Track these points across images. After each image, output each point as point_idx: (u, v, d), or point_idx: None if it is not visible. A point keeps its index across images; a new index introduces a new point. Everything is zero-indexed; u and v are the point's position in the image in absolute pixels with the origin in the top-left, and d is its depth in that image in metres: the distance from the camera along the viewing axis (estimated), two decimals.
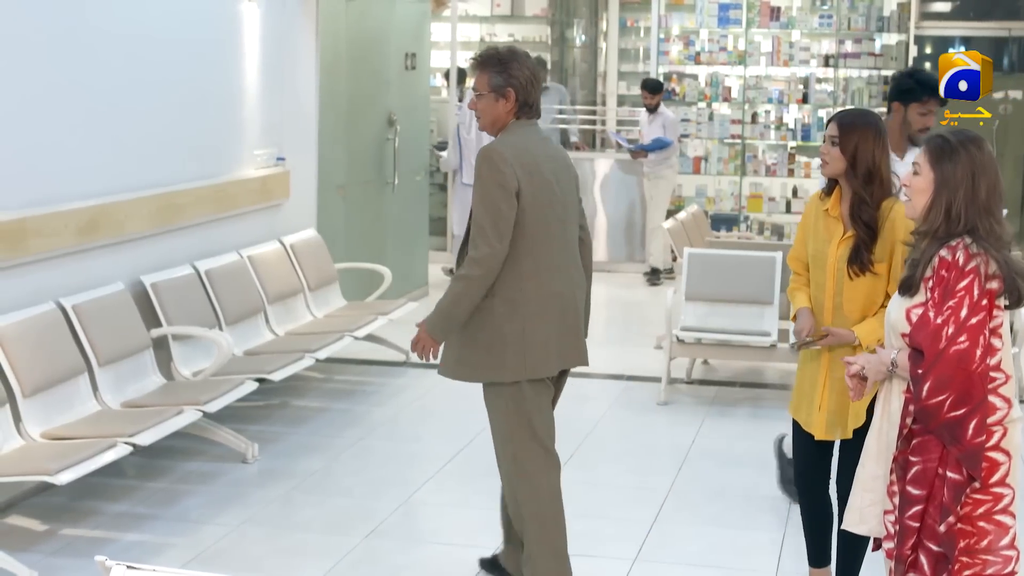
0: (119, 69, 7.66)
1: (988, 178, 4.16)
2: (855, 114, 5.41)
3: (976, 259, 4.07)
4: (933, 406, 4.02)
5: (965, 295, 4.04)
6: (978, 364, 4.00)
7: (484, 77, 5.48)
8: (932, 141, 4.26)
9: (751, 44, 14.80)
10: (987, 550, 4.13)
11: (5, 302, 6.61)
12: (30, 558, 6.03)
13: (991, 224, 4.13)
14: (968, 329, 4.00)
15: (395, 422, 8.62)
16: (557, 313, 5.54)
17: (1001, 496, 4.12)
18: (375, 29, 11.44)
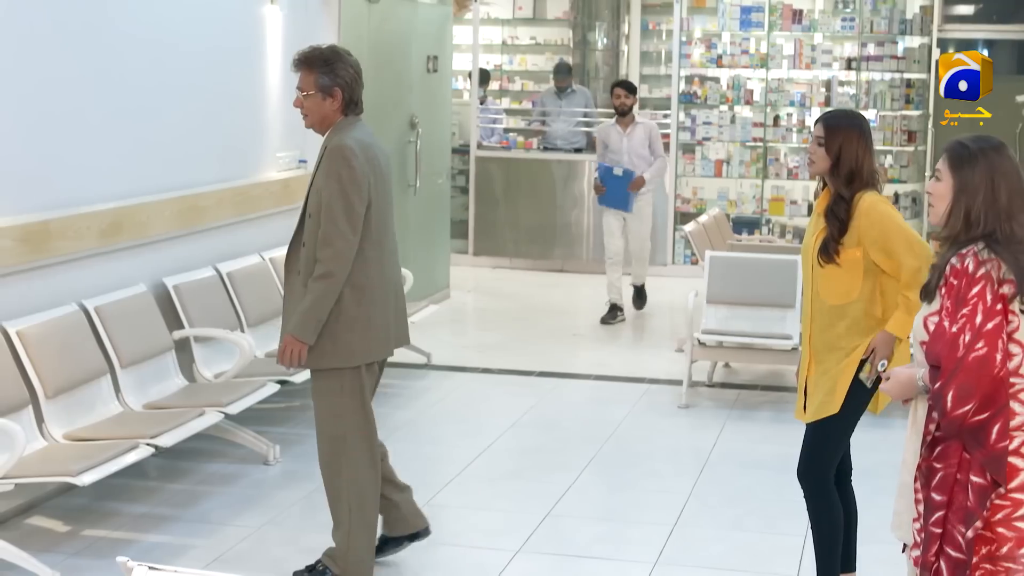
0: (143, 72, 7.69)
1: (1008, 183, 4.14)
2: (840, 115, 5.60)
3: (986, 265, 4.04)
4: (959, 416, 3.98)
5: (978, 301, 4.01)
6: (999, 368, 3.97)
7: (310, 77, 5.75)
8: (952, 147, 4.25)
9: (773, 47, 14.77)
10: (1008, 557, 4.09)
11: (28, 304, 6.63)
12: (52, 559, 6.06)
13: (1012, 228, 4.11)
14: (985, 335, 3.98)
15: (416, 424, 8.63)
16: (392, 298, 5.87)
17: (1021, 502, 4.07)
18: (397, 32, 11.45)
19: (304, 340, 5.64)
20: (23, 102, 6.68)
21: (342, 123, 5.76)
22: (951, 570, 4.08)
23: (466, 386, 9.65)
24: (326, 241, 5.57)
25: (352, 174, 5.59)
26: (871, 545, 5.92)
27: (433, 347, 10.21)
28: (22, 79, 6.65)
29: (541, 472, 7.65)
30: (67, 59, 6.99)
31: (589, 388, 9.58)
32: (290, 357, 5.69)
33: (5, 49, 6.53)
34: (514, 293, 13.54)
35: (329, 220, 5.57)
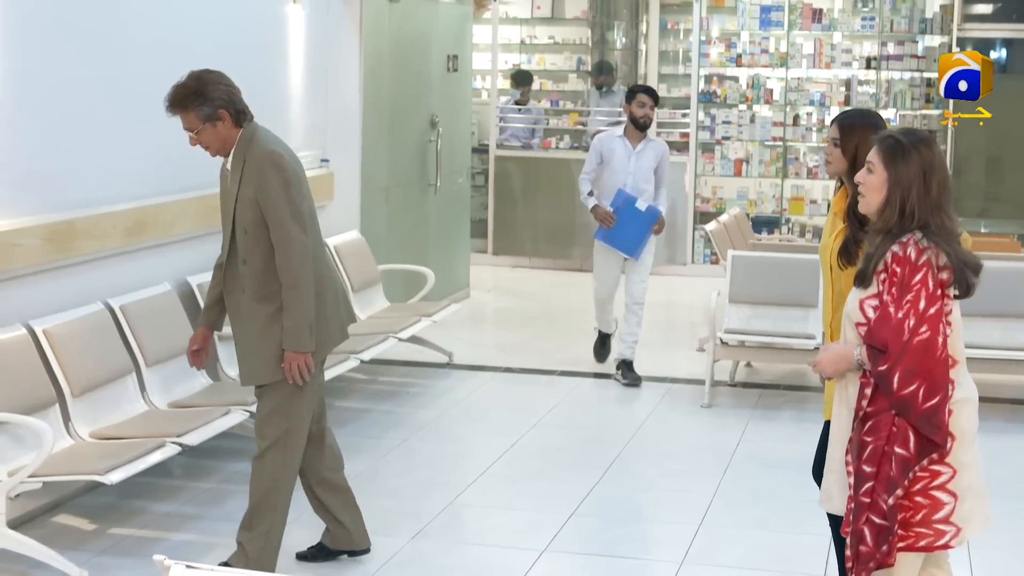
0: (166, 71, 7.63)
1: (938, 176, 4.41)
2: (856, 115, 5.60)
3: (927, 252, 4.31)
4: (908, 396, 4.26)
5: (921, 288, 4.28)
6: (941, 351, 4.27)
7: (190, 115, 5.69)
8: (885, 141, 4.48)
9: (793, 46, 14.75)
10: (921, 523, 4.37)
11: (54, 303, 6.65)
12: (79, 557, 6.07)
13: (942, 220, 4.38)
14: (928, 319, 4.26)
15: (439, 424, 8.63)
16: (332, 290, 5.90)
17: (939, 473, 4.37)
18: (418, 31, 11.46)
19: (304, 350, 5.64)
20: (47, 102, 6.70)
21: (245, 135, 5.72)
22: (875, 536, 4.35)
23: (488, 385, 9.65)
24: (283, 249, 5.57)
25: (289, 177, 5.62)
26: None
27: (454, 346, 10.21)
28: (46, 79, 6.67)
29: (565, 472, 7.65)
30: (91, 59, 7.01)
31: (611, 388, 9.57)
32: (298, 371, 5.67)
33: (31, 49, 6.55)
34: (534, 292, 13.54)
35: (279, 227, 5.57)
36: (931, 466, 4.37)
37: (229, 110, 5.68)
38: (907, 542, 4.39)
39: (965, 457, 4.44)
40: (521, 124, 15.36)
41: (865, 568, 4.38)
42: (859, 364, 4.43)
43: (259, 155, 5.67)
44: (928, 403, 4.27)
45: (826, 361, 4.56)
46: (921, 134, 4.53)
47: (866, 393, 4.39)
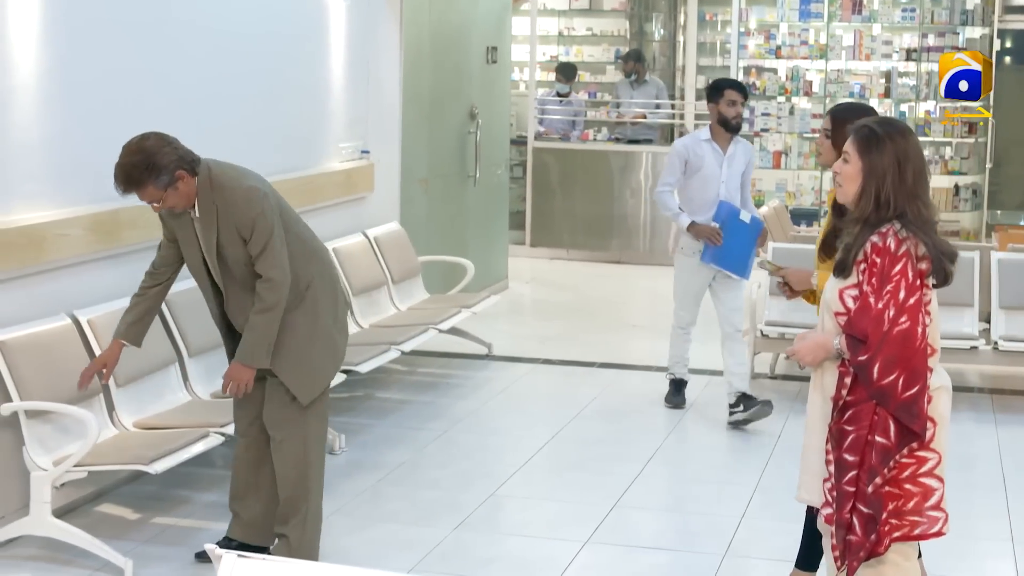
0: (208, 62, 7.72)
1: (914, 165, 4.43)
2: (848, 107, 5.72)
3: (906, 243, 4.35)
4: (887, 386, 4.30)
5: (901, 278, 4.32)
6: (920, 340, 4.32)
7: (149, 189, 5.57)
8: (860, 131, 4.50)
9: (832, 38, 14.69)
10: (914, 511, 4.41)
11: (98, 293, 6.67)
12: (123, 546, 6.09)
13: (919, 208, 4.41)
14: (908, 310, 4.30)
15: (479, 415, 8.64)
16: (340, 303, 6.05)
17: (925, 459, 4.42)
18: (457, 22, 11.46)
19: (256, 365, 5.69)
20: (92, 92, 6.72)
21: (202, 180, 5.64)
22: (863, 525, 4.40)
23: (528, 377, 9.65)
24: (268, 277, 5.60)
25: (266, 206, 5.63)
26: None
27: (493, 337, 10.21)
28: (91, 70, 6.69)
29: (606, 463, 7.64)
30: (133, 50, 7.03)
31: (650, 379, 9.54)
32: (238, 386, 5.70)
33: (77, 40, 6.57)
34: (571, 284, 13.53)
35: (265, 257, 5.60)
36: (918, 452, 4.42)
37: (184, 167, 5.60)
38: (903, 531, 4.43)
39: (946, 443, 4.51)
40: (560, 116, 15.33)
41: (856, 558, 4.44)
42: (838, 353, 4.45)
43: (232, 196, 5.63)
44: (907, 393, 4.32)
45: (804, 350, 4.59)
46: (897, 123, 4.58)
47: (845, 382, 4.43)
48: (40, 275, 6.36)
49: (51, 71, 6.41)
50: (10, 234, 6.09)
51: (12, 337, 6.06)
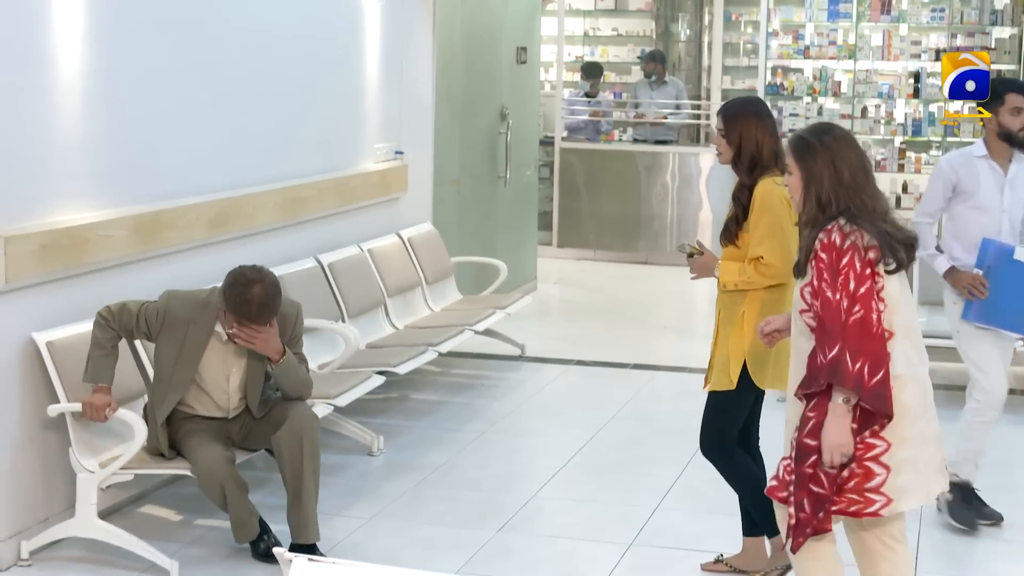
0: (247, 63, 7.71)
1: (848, 160, 4.63)
2: (737, 104, 5.80)
3: (852, 236, 4.52)
4: (855, 373, 4.44)
5: (849, 270, 4.49)
6: (876, 327, 4.48)
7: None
8: (793, 142, 4.76)
9: (861, 38, 14.64)
10: (853, 490, 4.60)
11: (141, 294, 6.60)
12: (168, 548, 6.08)
13: (863, 201, 4.58)
14: (860, 299, 4.47)
15: (516, 416, 8.62)
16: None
17: (873, 446, 4.57)
18: (488, 23, 11.45)
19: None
20: (135, 94, 6.71)
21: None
22: (812, 504, 4.61)
23: (562, 378, 9.63)
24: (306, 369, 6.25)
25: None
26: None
27: (523, 338, 10.19)
28: (133, 72, 6.68)
29: (646, 465, 7.61)
30: (174, 51, 7.01)
31: (684, 380, 9.50)
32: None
33: (120, 43, 6.56)
34: (599, 285, 13.51)
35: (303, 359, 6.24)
36: (867, 439, 4.56)
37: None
38: (838, 506, 4.62)
39: (906, 432, 4.60)
40: (584, 116, 15.29)
41: (803, 534, 4.64)
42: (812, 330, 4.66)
43: (285, 311, 6.13)
44: (874, 379, 4.46)
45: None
46: (825, 126, 4.82)
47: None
48: (84, 276, 6.35)
49: (95, 74, 6.40)
50: (55, 235, 6.08)
51: (59, 338, 6.06)
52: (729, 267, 5.71)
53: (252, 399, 6.14)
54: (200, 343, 6.00)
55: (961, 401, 6.82)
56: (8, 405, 5.95)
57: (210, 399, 6.11)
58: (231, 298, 5.85)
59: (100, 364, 5.90)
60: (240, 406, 6.18)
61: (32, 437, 6.08)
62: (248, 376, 6.10)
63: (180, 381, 6.03)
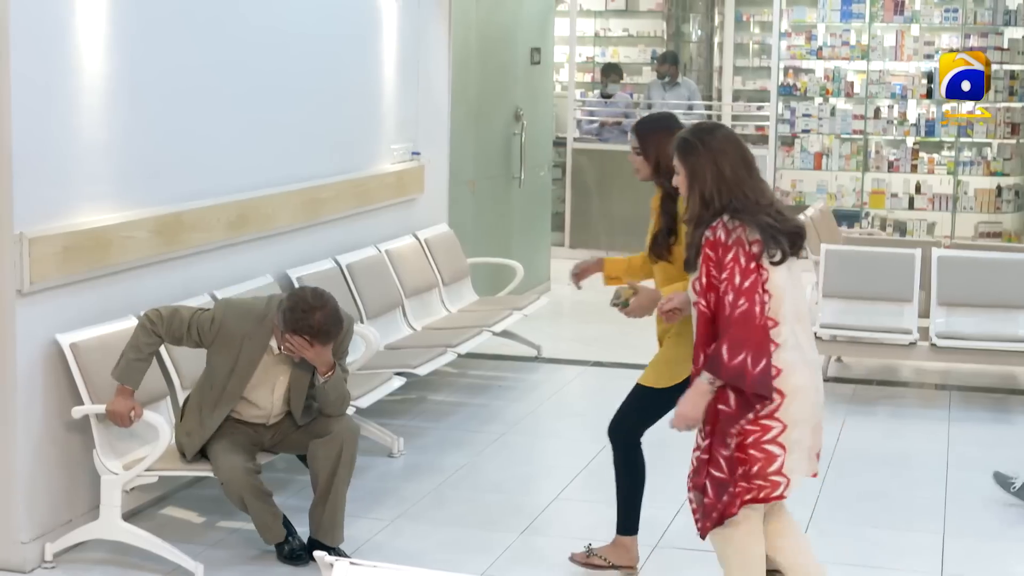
0: (266, 65, 7.69)
1: (729, 158, 4.82)
2: (651, 121, 5.97)
3: (736, 231, 4.70)
4: (737, 366, 4.63)
5: (734, 265, 4.67)
6: (759, 319, 4.66)
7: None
8: (677, 143, 4.97)
9: (874, 38, 14.62)
10: (759, 475, 4.77)
11: (163, 295, 6.62)
12: (192, 549, 6.07)
13: (744, 195, 4.77)
14: (744, 292, 4.65)
15: (535, 417, 8.60)
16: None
17: (769, 428, 4.74)
18: (503, 23, 11.44)
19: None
20: (157, 96, 6.68)
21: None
22: (715, 489, 4.80)
23: (579, 379, 9.61)
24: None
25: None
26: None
27: (539, 340, 10.16)
28: (154, 74, 6.65)
29: (669, 466, 7.51)
30: (197, 53, 6.99)
31: None
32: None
33: (139, 46, 6.53)
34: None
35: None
36: (763, 421, 4.73)
37: None
38: (751, 494, 4.79)
39: (797, 415, 4.78)
40: (597, 118, 15.23)
41: (709, 519, 4.83)
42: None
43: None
44: (758, 368, 4.64)
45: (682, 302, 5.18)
46: (706, 125, 5.05)
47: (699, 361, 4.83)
48: (107, 277, 6.33)
49: (116, 74, 6.37)
50: (78, 237, 6.07)
51: (83, 339, 6.04)
52: (675, 290, 5.69)
53: (296, 408, 6.11)
54: (255, 359, 5.98)
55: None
56: (32, 407, 5.94)
57: (254, 407, 6.09)
58: (291, 321, 5.81)
59: (133, 367, 5.88)
60: (281, 414, 6.16)
61: (55, 439, 6.06)
62: (293, 386, 6.08)
63: (232, 395, 6.00)
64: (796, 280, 4.85)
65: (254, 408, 6.08)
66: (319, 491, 6.05)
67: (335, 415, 6.12)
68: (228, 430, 6.01)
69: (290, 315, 5.81)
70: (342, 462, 6.03)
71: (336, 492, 6.03)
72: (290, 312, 5.81)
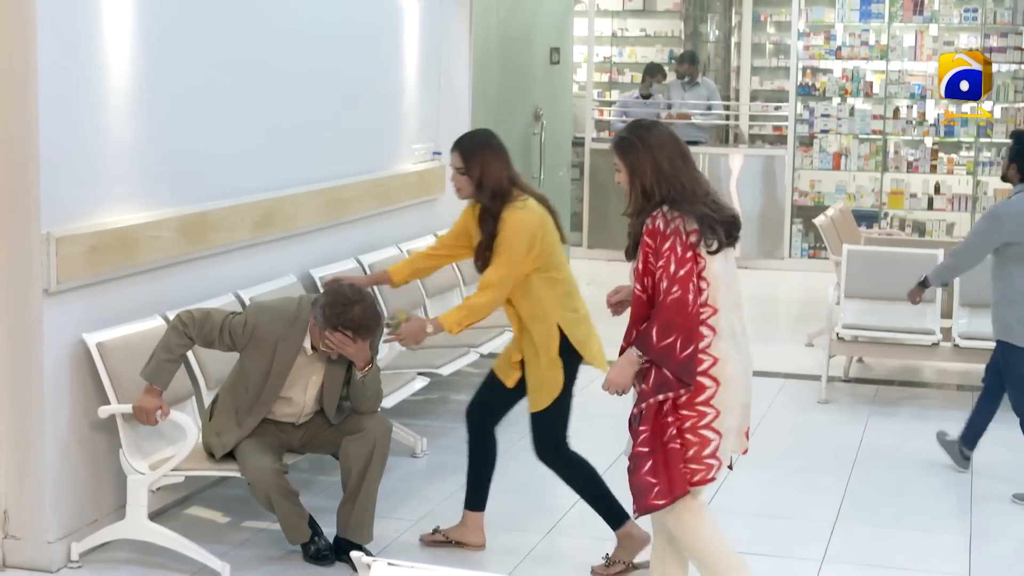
0: (291, 65, 7.69)
1: (666, 152, 5.04)
2: (472, 140, 6.11)
3: (674, 221, 4.91)
4: (667, 347, 4.87)
5: (670, 254, 4.88)
6: (692, 307, 4.87)
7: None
8: (615, 142, 5.17)
9: (893, 38, 14.60)
10: (695, 459, 4.99)
11: (189, 295, 6.63)
12: (218, 549, 6.08)
13: (682, 185, 4.98)
14: (679, 280, 4.85)
15: None
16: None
17: (705, 414, 4.97)
18: (523, 23, 11.44)
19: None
20: (182, 95, 6.68)
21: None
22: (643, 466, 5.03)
23: (600, 379, 9.49)
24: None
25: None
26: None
27: None
28: (179, 75, 6.65)
29: None
30: (222, 54, 6.99)
31: None
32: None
33: (164, 46, 6.53)
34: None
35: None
36: (699, 407, 4.96)
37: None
38: (689, 478, 4.99)
39: (730, 401, 5.01)
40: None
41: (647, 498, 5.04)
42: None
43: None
44: (684, 353, 4.88)
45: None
46: (643, 123, 5.22)
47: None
48: (133, 277, 6.33)
49: (141, 75, 6.37)
50: (105, 236, 6.06)
51: (110, 339, 6.04)
52: (448, 314, 6.08)
53: (329, 407, 6.11)
54: (289, 361, 5.97)
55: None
56: (58, 406, 5.94)
57: (286, 404, 6.08)
58: (331, 317, 5.79)
59: (162, 367, 5.87)
60: (311, 414, 6.15)
61: (81, 438, 6.07)
62: (327, 384, 6.08)
63: (269, 397, 6.00)
64: (731, 269, 5.06)
65: (286, 407, 6.07)
66: (349, 488, 6.04)
67: (369, 412, 6.11)
68: (257, 430, 6.00)
69: (330, 311, 5.79)
70: (374, 459, 6.01)
71: (367, 490, 6.02)
72: (330, 308, 5.80)
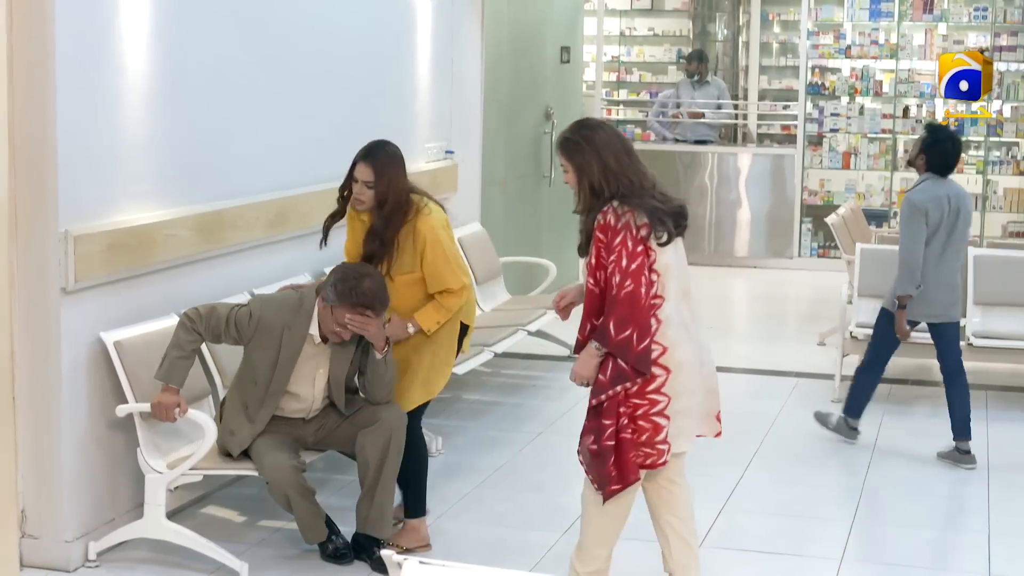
0: (305, 65, 7.68)
1: (611, 149, 5.09)
2: (382, 155, 6.17)
3: (625, 216, 4.99)
4: (624, 340, 4.95)
5: (621, 248, 4.95)
6: (644, 299, 4.95)
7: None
8: (560, 142, 5.25)
9: (903, 37, 14.57)
10: (647, 444, 5.10)
11: (204, 293, 6.60)
12: (235, 548, 6.06)
13: (629, 179, 5.05)
14: (631, 274, 4.93)
15: (571, 417, 8.54)
16: None
17: (657, 401, 5.07)
18: (533, 22, 11.41)
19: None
20: (198, 94, 6.67)
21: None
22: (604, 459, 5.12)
23: None
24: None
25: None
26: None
27: (570, 339, 10.07)
28: (195, 73, 6.64)
29: (707, 466, 7.51)
30: (238, 53, 6.98)
31: (738, 381, 9.47)
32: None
33: (180, 45, 6.51)
34: None
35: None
36: (650, 395, 5.06)
37: None
38: (639, 460, 5.12)
39: (680, 387, 5.11)
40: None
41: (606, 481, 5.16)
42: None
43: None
44: (641, 345, 4.96)
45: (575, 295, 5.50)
46: (587, 122, 5.28)
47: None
48: (150, 275, 6.32)
49: (158, 74, 6.35)
50: (121, 235, 6.05)
51: (127, 337, 6.02)
52: (425, 314, 6.14)
53: (338, 397, 6.08)
54: (295, 349, 5.94)
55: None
56: (76, 405, 5.92)
57: (295, 399, 6.06)
58: (344, 292, 5.78)
59: (176, 365, 5.84)
60: (321, 407, 6.13)
61: (99, 437, 6.05)
62: (332, 375, 6.05)
63: (278, 388, 5.97)
64: (681, 259, 5.17)
65: (295, 401, 6.05)
66: (368, 482, 6.01)
67: (383, 401, 6.08)
68: (270, 427, 5.99)
69: (342, 286, 5.79)
70: (390, 455, 5.98)
71: (384, 483, 5.99)
72: (341, 283, 5.80)
